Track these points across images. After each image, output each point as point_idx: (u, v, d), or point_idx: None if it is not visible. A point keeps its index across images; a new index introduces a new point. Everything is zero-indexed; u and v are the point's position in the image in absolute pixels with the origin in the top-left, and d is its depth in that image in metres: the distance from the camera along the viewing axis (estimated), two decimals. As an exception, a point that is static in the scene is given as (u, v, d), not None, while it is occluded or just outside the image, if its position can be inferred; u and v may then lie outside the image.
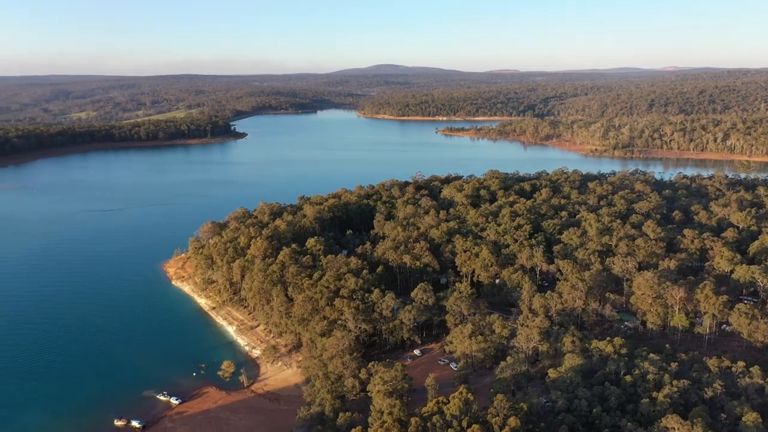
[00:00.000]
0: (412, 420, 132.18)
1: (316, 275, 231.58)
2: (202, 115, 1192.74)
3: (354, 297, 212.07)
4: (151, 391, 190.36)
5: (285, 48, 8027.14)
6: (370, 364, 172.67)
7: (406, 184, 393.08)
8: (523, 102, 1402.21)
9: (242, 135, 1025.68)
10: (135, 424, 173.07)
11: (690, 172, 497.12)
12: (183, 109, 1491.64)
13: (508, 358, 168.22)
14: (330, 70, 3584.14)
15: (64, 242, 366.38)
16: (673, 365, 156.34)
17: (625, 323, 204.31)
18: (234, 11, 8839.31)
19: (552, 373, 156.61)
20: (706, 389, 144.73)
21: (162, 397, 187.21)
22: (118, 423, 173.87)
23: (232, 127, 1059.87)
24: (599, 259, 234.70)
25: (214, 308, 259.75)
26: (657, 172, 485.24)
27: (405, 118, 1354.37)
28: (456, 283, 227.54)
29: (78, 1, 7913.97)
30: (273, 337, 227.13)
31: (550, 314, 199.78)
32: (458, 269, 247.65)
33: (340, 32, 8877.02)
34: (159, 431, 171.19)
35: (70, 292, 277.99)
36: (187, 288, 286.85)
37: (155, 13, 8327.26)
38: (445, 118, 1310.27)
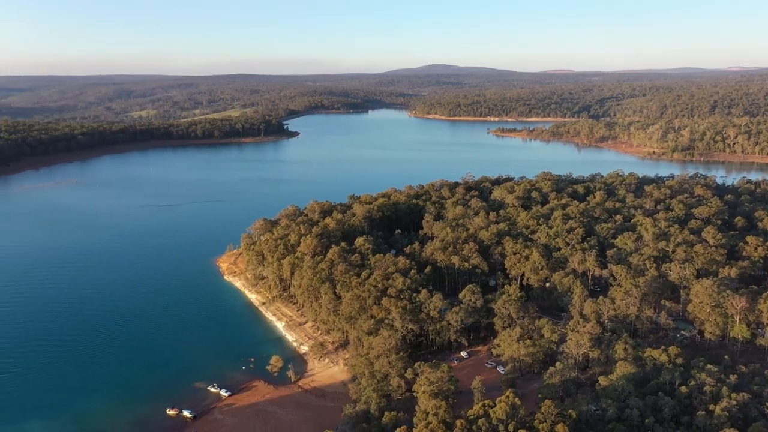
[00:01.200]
0: (458, 422, 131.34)
1: (364, 274, 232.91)
2: (256, 114, 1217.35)
3: (401, 297, 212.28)
4: (201, 383, 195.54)
5: (338, 48, 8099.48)
6: (416, 364, 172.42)
7: (456, 184, 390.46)
8: (578, 103, 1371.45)
9: (294, 134, 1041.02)
10: (186, 413, 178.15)
11: (755, 176, 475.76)
12: (238, 108, 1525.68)
13: (557, 363, 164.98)
14: (382, 70, 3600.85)
15: (125, 236, 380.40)
16: (733, 378, 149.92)
17: (681, 332, 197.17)
18: (289, 13, 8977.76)
19: (603, 381, 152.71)
20: (767, 404, 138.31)
21: (212, 389, 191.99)
22: (170, 412, 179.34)
23: (285, 126, 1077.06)
24: (655, 265, 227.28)
25: (264, 304, 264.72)
26: (719, 176, 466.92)
27: (456, 118, 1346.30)
28: (505, 286, 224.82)
29: (142, 4, 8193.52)
30: (321, 334, 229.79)
31: (601, 320, 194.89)
32: (507, 272, 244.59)
33: (392, 32, 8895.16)
34: (209, 422, 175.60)
35: (129, 283, 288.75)
36: (238, 283, 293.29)
37: (214, 14, 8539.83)
38: (496, 119, 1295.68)
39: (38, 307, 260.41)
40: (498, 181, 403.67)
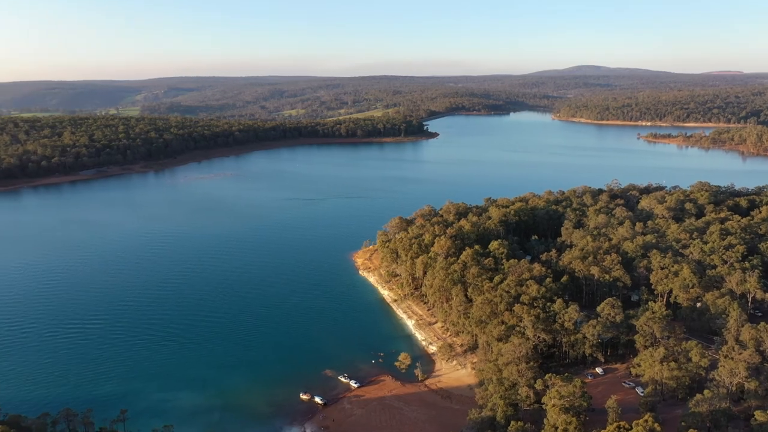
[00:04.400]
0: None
1: (497, 278, 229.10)
2: (397, 115, 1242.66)
3: (535, 305, 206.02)
4: (332, 371, 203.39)
5: (481, 49, 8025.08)
6: (547, 375, 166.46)
7: (600, 191, 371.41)
8: (746, 107, 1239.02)
9: (434, 135, 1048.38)
10: (317, 400, 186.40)
11: None
12: (380, 109, 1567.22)
13: (706, 391, 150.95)
14: (526, 71, 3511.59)
15: (271, 226, 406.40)
16: None
17: None
18: (432, 15, 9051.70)
19: (760, 416, 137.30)
20: None
21: (343, 379, 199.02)
22: (303, 397, 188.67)
23: (425, 127, 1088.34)
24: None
25: (395, 301, 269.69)
26: None
27: (603, 122, 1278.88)
28: (649, 302, 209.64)
29: (297, 12, 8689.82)
30: (450, 335, 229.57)
31: (761, 348, 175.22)
32: (653, 287, 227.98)
33: (538, 33, 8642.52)
34: (338, 410, 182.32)
35: (271, 271, 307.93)
36: (372, 279, 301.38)
37: (361, 19, 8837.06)
38: (649, 123, 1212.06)
39: (194, 286, 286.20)
40: (647, 190, 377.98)
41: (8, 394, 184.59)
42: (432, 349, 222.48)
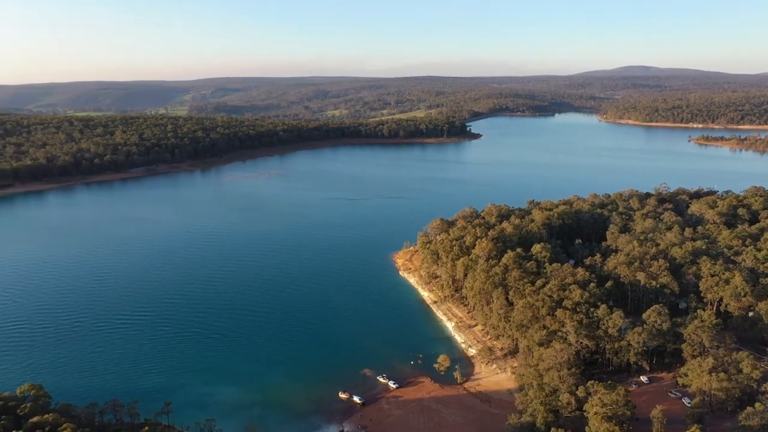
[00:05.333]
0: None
1: (539, 282, 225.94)
2: (440, 115, 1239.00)
3: (578, 310, 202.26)
4: (371, 371, 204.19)
5: (526, 50, 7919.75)
6: (589, 382, 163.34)
7: (647, 195, 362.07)
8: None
9: (477, 136, 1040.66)
10: (356, 399, 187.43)
11: None
12: (423, 109, 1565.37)
13: (757, 404, 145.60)
14: (572, 71, 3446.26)
15: (313, 225, 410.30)
16: None
17: None
18: (478, 15, 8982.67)
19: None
20: None
21: (381, 379, 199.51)
22: (342, 395, 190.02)
23: (468, 128, 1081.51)
24: None
25: (435, 302, 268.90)
26: None
27: (652, 124, 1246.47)
28: (698, 310, 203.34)
29: (344, 10, 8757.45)
30: (490, 338, 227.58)
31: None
32: (702, 295, 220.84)
33: (585, 32, 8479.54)
34: (376, 410, 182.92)
35: (312, 270, 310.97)
36: (412, 280, 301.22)
37: (404, 20, 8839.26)
38: (700, 126, 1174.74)
39: (238, 283, 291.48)
40: (697, 195, 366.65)
41: (59, 384, 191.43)
42: (471, 351, 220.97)
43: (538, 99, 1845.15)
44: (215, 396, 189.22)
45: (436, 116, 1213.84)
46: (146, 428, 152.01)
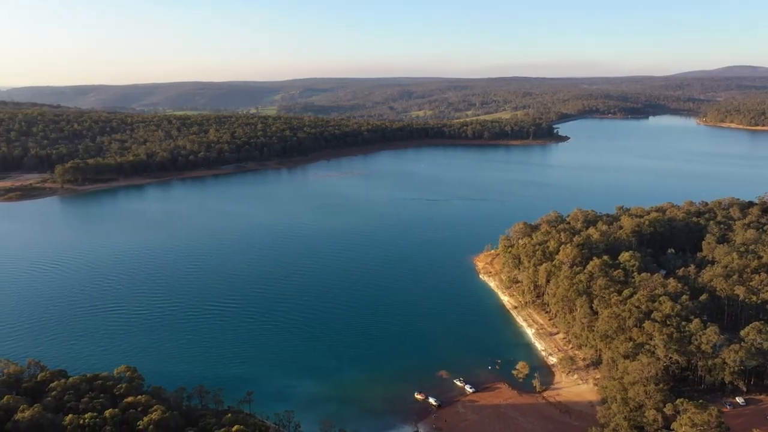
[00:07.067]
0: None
1: (626, 292, 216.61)
2: (526, 117, 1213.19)
3: (668, 323, 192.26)
4: (447, 374, 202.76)
5: (619, 49, 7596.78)
6: (678, 400, 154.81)
7: (750, 204, 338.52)
8: None
9: (564, 138, 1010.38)
10: (432, 401, 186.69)
11: None
12: (509, 111, 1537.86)
13: None
14: (669, 72, 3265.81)
15: (393, 225, 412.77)
16: None
17: None
18: (568, 12, 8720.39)
19: None
20: None
21: (458, 382, 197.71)
22: (417, 396, 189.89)
23: (555, 130, 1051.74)
24: None
25: (515, 307, 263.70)
26: None
27: (759, 128, 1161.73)
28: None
29: (430, 13, 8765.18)
30: (572, 347, 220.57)
31: None
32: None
33: (683, 30, 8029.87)
34: (452, 413, 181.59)
35: (392, 269, 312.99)
36: (492, 283, 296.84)
37: (496, 18, 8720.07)
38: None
39: (319, 278, 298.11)
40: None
41: (152, 367, 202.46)
42: (552, 360, 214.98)
43: (631, 101, 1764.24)
44: (294, 388, 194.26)
45: (521, 118, 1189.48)
46: (229, 415, 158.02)
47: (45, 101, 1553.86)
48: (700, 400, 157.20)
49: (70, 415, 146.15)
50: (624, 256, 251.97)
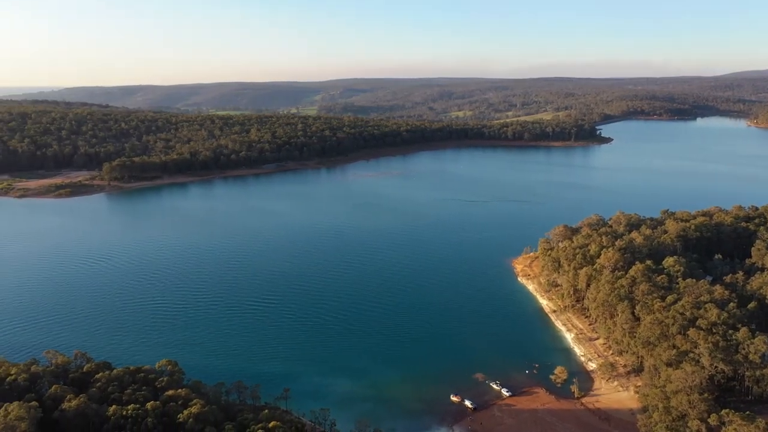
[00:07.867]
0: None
1: (670, 298, 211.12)
2: (568, 118, 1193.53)
3: (714, 331, 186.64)
4: (483, 376, 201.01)
5: (666, 49, 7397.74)
6: (723, 411, 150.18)
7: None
8: None
9: (607, 140, 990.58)
10: (468, 403, 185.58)
11: None
12: (550, 112, 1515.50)
13: None
14: (719, 72, 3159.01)
15: (431, 225, 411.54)
16: None
17: None
18: (614, 13, 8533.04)
19: None
20: None
21: (494, 386, 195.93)
22: (453, 398, 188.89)
23: (598, 132, 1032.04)
24: None
25: (554, 311, 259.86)
26: None
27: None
28: None
29: (470, 14, 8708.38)
30: (612, 353, 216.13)
31: None
32: None
33: (734, 28, 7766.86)
34: (488, 416, 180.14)
35: (429, 270, 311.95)
36: (530, 287, 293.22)
37: (536, 17, 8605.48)
38: None
39: (355, 278, 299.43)
40: None
41: (192, 361, 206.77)
42: (591, 366, 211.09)
43: (677, 102, 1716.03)
44: (330, 387, 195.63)
45: (563, 119, 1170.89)
46: (266, 411, 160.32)
47: (95, 101, 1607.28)
48: (748, 412, 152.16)
49: (114, 406, 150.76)
50: (668, 261, 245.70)
